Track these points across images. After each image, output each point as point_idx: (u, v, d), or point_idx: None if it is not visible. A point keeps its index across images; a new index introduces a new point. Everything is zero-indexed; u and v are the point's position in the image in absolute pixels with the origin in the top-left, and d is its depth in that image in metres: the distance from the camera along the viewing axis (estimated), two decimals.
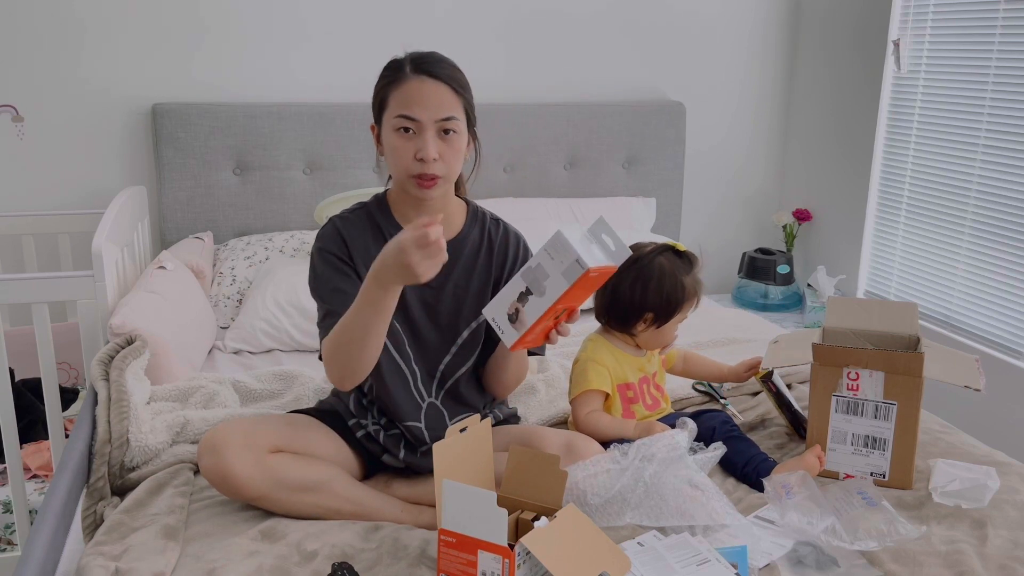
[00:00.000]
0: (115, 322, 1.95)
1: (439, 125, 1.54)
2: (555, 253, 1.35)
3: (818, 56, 3.39)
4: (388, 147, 1.57)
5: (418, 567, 1.40)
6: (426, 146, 1.53)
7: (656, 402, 1.86)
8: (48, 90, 2.76)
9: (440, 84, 1.55)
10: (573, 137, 3.21)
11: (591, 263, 1.33)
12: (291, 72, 2.96)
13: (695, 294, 1.80)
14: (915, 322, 1.84)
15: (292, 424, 1.66)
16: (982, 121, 2.73)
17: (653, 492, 1.52)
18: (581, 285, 1.35)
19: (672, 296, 1.76)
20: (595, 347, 1.82)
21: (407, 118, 1.54)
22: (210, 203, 2.87)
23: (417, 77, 1.55)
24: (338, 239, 1.63)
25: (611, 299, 1.81)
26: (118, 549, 1.43)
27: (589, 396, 1.78)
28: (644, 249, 1.80)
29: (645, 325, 1.79)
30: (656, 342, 1.83)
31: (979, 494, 1.59)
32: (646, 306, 1.77)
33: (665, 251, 1.80)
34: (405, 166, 1.55)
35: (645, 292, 1.76)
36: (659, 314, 1.77)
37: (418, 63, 1.56)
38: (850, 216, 3.29)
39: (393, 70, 1.58)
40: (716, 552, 1.40)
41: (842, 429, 1.71)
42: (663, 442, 1.59)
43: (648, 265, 1.77)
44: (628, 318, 1.79)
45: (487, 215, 1.75)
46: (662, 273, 1.76)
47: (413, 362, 1.67)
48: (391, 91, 1.56)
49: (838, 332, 1.88)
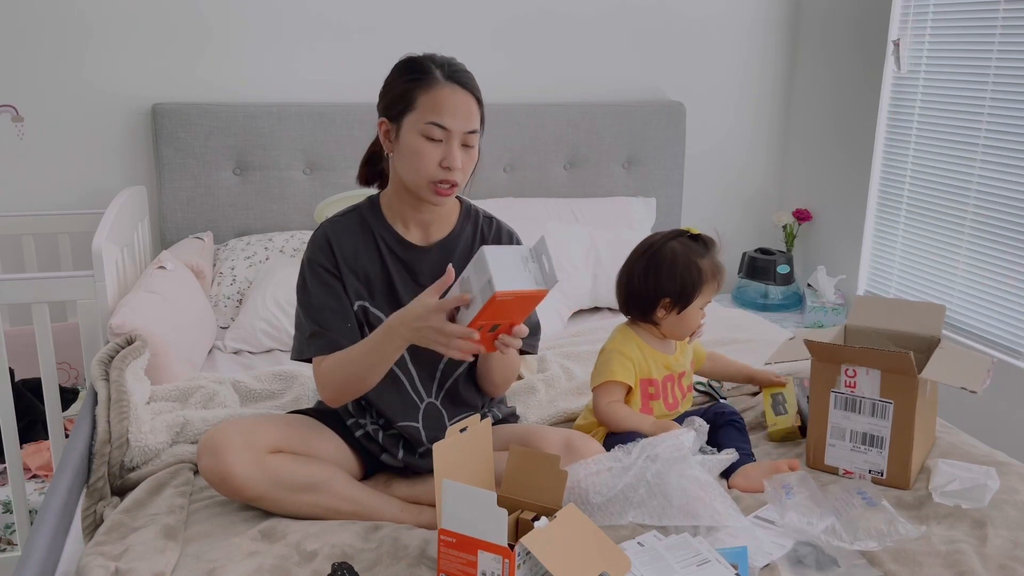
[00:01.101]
0: (115, 322, 1.95)
1: (464, 137, 1.55)
2: (479, 269, 1.34)
3: (818, 56, 3.39)
4: (409, 149, 1.55)
5: (418, 567, 1.40)
6: (454, 156, 1.54)
7: (676, 402, 1.85)
8: (48, 90, 2.76)
9: (470, 96, 1.56)
10: (573, 137, 3.21)
11: (500, 287, 1.30)
12: (291, 72, 2.96)
13: (714, 276, 1.77)
14: (939, 324, 1.84)
15: (291, 424, 1.66)
16: (982, 121, 2.73)
17: (656, 491, 1.52)
18: (498, 307, 1.33)
19: (687, 279, 1.74)
20: (623, 338, 1.81)
21: (439, 126, 1.53)
22: (210, 203, 2.87)
23: (450, 85, 1.54)
24: (327, 247, 1.64)
25: (627, 290, 1.80)
26: (118, 549, 1.43)
27: (611, 386, 1.77)
28: (657, 236, 1.79)
29: (665, 312, 1.77)
30: (681, 329, 1.80)
31: (979, 494, 1.59)
32: (661, 292, 1.75)
33: (679, 236, 1.79)
34: (429, 172, 1.55)
35: (658, 278, 1.75)
36: (676, 299, 1.75)
37: (451, 71, 1.56)
38: (850, 216, 3.29)
39: (421, 71, 1.56)
40: (716, 552, 1.40)
41: (841, 425, 1.72)
42: (668, 441, 1.58)
43: (660, 251, 1.76)
44: (646, 307, 1.78)
45: (480, 213, 1.75)
46: (674, 256, 1.75)
47: (409, 364, 1.67)
48: (420, 94, 1.54)
49: (859, 331, 1.89)
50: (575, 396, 2.07)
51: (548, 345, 2.42)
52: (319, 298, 1.61)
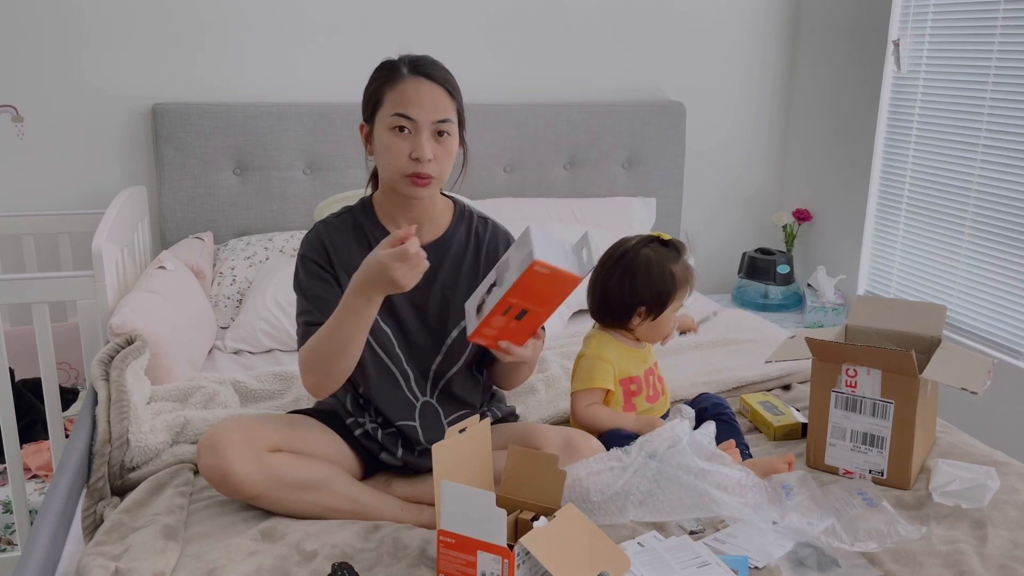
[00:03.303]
0: (115, 322, 1.95)
1: (434, 127, 1.56)
2: (520, 246, 1.37)
3: (818, 56, 3.39)
4: (381, 145, 1.58)
5: (418, 567, 1.40)
6: (422, 146, 1.54)
7: (657, 394, 1.86)
8: (48, 90, 2.76)
9: (436, 86, 1.57)
10: (573, 137, 3.21)
11: (540, 257, 1.32)
12: (291, 72, 2.96)
13: (687, 281, 1.79)
14: (940, 324, 1.84)
15: (291, 423, 1.66)
16: (982, 121, 2.73)
17: (656, 488, 1.52)
18: (533, 280, 1.35)
19: (662, 286, 1.76)
20: (599, 343, 1.82)
21: (404, 116, 1.54)
22: (210, 203, 2.87)
23: (414, 78, 1.56)
24: (320, 247, 1.64)
25: (602, 298, 1.81)
26: (118, 549, 1.43)
27: (591, 392, 1.79)
28: (629, 243, 1.80)
29: (640, 319, 1.79)
30: (655, 334, 1.83)
31: (979, 494, 1.59)
32: (637, 300, 1.77)
33: (650, 242, 1.80)
34: (399, 165, 1.56)
35: (634, 286, 1.76)
36: (652, 306, 1.77)
37: (415, 64, 1.58)
38: (850, 216, 3.29)
39: (388, 70, 1.59)
40: (716, 557, 1.40)
41: (841, 425, 1.72)
42: (664, 436, 1.59)
43: (634, 259, 1.77)
44: (622, 314, 1.79)
45: (474, 214, 1.75)
46: (648, 264, 1.76)
47: (404, 363, 1.68)
48: (386, 90, 1.57)
49: (860, 331, 1.90)
50: None
51: (548, 345, 2.41)
52: (314, 291, 1.62)
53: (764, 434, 1.92)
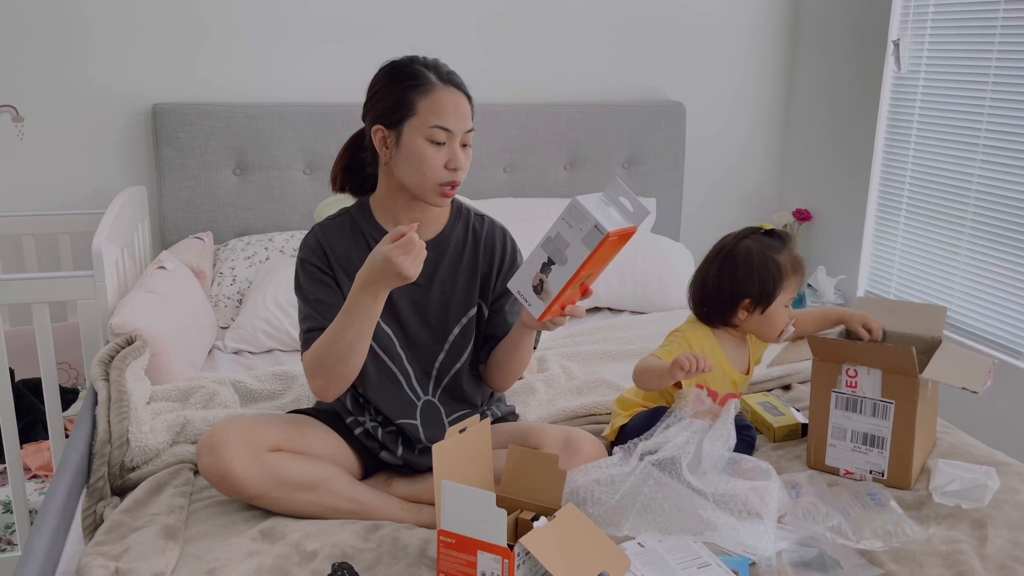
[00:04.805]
0: (115, 322, 1.95)
1: (464, 137, 1.58)
2: (573, 221, 1.37)
3: (818, 56, 3.39)
4: (414, 154, 1.56)
5: (418, 567, 1.40)
6: (458, 157, 1.56)
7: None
8: (48, 90, 2.76)
9: (464, 97, 1.59)
10: (573, 137, 3.21)
11: (610, 227, 1.34)
12: (291, 72, 2.96)
13: (794, 270, 1.72)
14: (940, 325, 1.84)
15: (291, 423, 1.67)
16: (982, 121, 2.73)
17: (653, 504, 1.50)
18: (602, 250, 1.36)
19: (765, 275, 1.70)
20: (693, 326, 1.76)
21: (444, 129, 1.55)
22: (210, 203, 2.87)
23: (447, 88, 1.57)
24: (319, 249, 1.65)
25: (702, 294, 1.76)
26: (118, 549, 1.43)
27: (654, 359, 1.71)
28: (729, 236, 1.76)
29: (747, 313, 1.73)
30: (768, 329, 1.75)
31: (979, 494, 1.59)
32: (739, 292, 1.71)
33: (751, 233, 1.75)
34: (436, 175, 1.56)
35: (735, 278, 1.71)
36: (757, 298, 1.71)
37: (446, 74, 1.59)
38: (850, 216, 3.29)
39: (414, 76, 1.57)
40: (717, 558, 1.40)
41: (842, 425, 1.72)
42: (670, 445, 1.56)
43: (733, 250, 1.73)
44: (725, 309, 1.74)
45: (471, 211, 1.75)
46: (749, 255, 1.71)
47: (405, 362, 1.68)
48: (418, 98, 1.55)
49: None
50: (575, 396, 2.07)
51: (548, 345, 2.42)
52: (315, 294, 1.62)
53: (764, 435, 1.92)
